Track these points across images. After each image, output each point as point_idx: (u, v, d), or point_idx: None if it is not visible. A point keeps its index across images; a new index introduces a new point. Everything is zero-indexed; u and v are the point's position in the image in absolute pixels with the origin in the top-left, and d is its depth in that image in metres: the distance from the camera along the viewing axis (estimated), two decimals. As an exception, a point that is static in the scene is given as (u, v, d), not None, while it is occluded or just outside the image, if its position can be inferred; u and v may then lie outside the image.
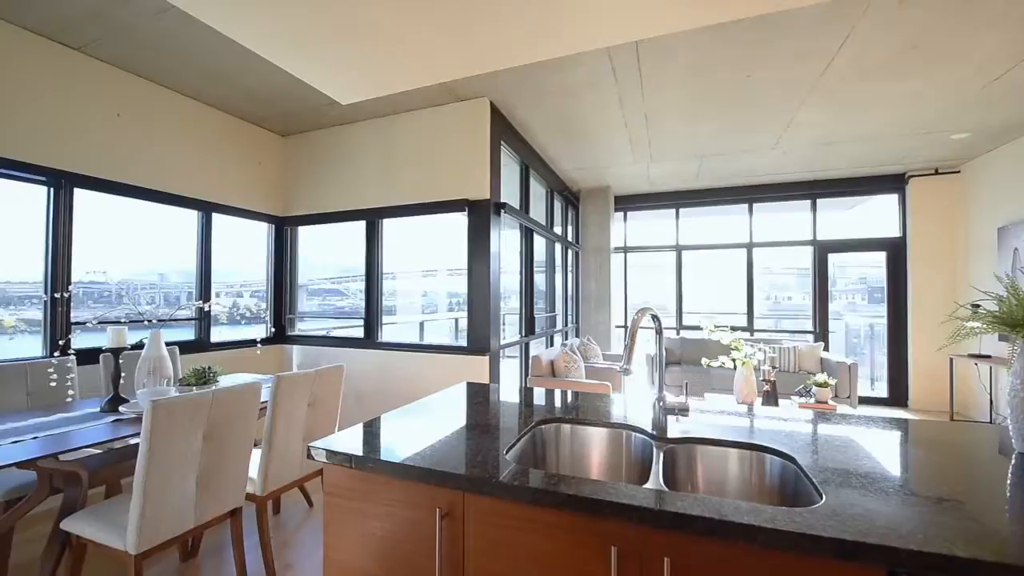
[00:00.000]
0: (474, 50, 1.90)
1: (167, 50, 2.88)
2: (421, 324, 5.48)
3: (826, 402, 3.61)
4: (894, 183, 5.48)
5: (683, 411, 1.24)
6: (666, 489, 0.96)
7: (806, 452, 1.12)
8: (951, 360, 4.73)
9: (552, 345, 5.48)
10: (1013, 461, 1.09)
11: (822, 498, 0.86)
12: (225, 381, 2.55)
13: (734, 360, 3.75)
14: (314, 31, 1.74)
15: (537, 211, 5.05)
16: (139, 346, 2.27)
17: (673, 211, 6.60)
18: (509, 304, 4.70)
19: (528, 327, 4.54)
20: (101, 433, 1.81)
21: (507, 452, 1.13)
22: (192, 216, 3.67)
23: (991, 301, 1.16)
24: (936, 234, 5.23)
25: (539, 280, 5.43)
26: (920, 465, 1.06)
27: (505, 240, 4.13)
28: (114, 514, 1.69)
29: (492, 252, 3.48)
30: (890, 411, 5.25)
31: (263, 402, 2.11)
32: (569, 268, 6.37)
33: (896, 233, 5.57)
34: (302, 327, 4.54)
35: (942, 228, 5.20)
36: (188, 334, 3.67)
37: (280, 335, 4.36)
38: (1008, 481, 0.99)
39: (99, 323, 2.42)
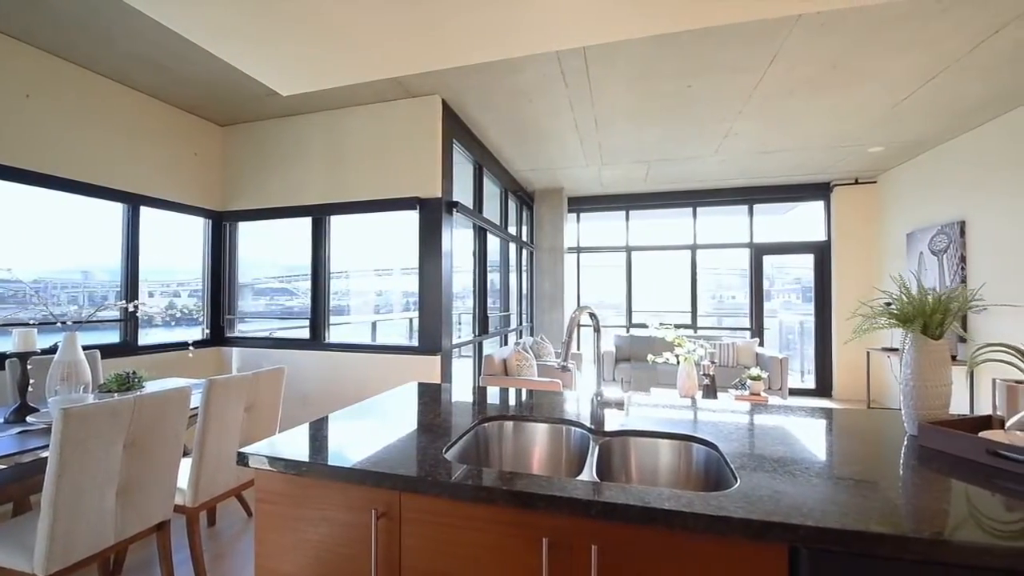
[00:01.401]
0: (422, 47, 1.88)
1: (84, 26, 2.64)
2: (373, 324, 5.36)
3: (759, 394, 3.86)
4: (821, 191, 5.95)
5: (619, 405, 1.29)
6: (598, 480, 0.99)
7: (729, 440, 1.20)
8: (868, 353, 5.19)
9: (506, 344, 5.52)
10: (905, 443, 1.22)
11: (737, 482, 0.93)
12: (152, 387, 2.39)
13: (677, 356, 3.93)
14: (250, 18, 1.66)
15: (491, 211, 5.06)
16: (52, 350, 2.07)
17: (624, 213, 6.82)
18: (463, 303, 4.69)
19: (482, 326, 4.55)
20: (6, 445, 1.65)
21: (447, 451, 1.13)
22: (118, 209, 3.39)
23: (888, 300, 1.29)
24: (856, 238, 5.72)
25: (493, 279, 5.45)
26: (828, 449, 1.17)
27: (458, 239, 4.11)
28: (21, 534, 1.54)
29: (444, 251, 3.46)
30: (816, 401, 5.69)
31: (194, 408, 1.99)
32: (524, 267, 6.44)
33: (822, 237, 6.04)
34: (244, 328, 4.31)
35: (861, 233, 5.70)
36: (113, 337, 3.39)
37: (218, 337, 4.12)
38: (901, 461, 1.10)
39: (2, 325, 2.19)
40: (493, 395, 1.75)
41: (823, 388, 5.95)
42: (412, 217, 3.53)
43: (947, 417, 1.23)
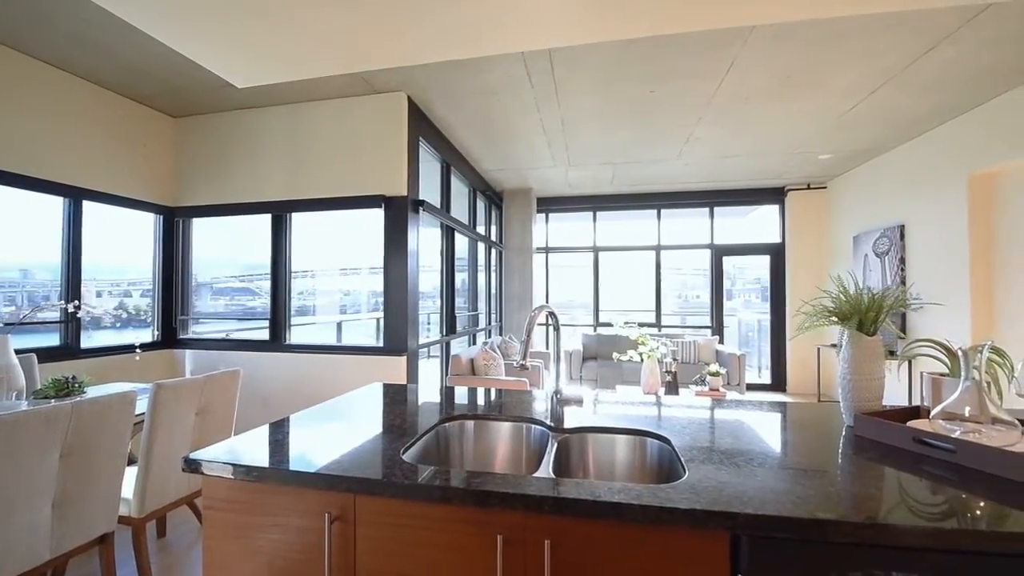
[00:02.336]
0: (382, 43, 1.85)
1: (18, 4, 2.46)
2: (339, 325, 5.24)
3: (718, 389, 4.01)
4: (776, 195, 6.23)
5: (578, 403, 1.32)
6: (554, 477, 1.01)
7: (682, 434, 1.24)
8: (818, 350, 5.48)
9: (475, 344, 5.51)
10: (843, 433, 1.30)
11: (686, 474, 0.96)
12: (95, 392, 2.25)
13: (640, 354, 4.03)
14: (201, 5, 1.59)
15: (459, 210, 5.04)
16: (-22, 354, 1.92)
17: (591, 214, 6.93)
18: (431, 303, 4.65)
19: (449, 326, 4.52)
20: (-80, 459, 1.51)
21: (405, 452, 1.12)
22: (58, 204, 3.18)
23: (828, 299, 1.37)
24: (807, 240, 6.02)
25: (462, 279, 5.43)
26: (772, 440, 1.23)
27: (425, 238, 4.07)
28: (-62, 554, 1.42)
29: (410, 250, 3.42)
30: (771, 395, 5.95)
31: (140, 414, 1.89)
32: (493, 267, 6.44)
33: (777, 239, 6.33)
34: (201, 330, 4.13)
35: (812, 235, 6.00)
36: (54, 339, 3.18)
37: (171, 339, 3.93)
38: (839, 450, 1.17)
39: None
40: (457, 395, 1.75)
41: (778, 383, 6.23)
42: (380, 215, 3.47)
43: (880, 408, 1.31)
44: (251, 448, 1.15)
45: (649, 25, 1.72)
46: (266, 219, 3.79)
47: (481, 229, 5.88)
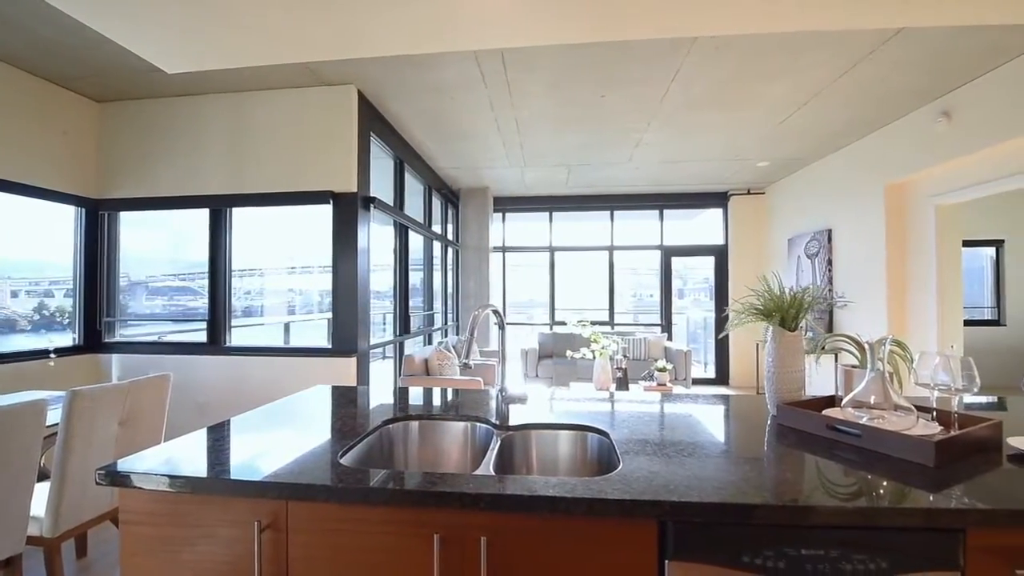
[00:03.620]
0: (329, 35, 1.79)
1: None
2: (286, 326, 5.02)
3: (665, 384, 4.18)
4: (720, 199, 6.56)
5: (522, 401, 1.33)
6: (493, 474, 1.02)
7: (622, 428, 1.28)
8: (756, 345, 5.82)
9: (431, 344, 5.44)
10: (768, 422, 1.39)
11: (620, 465, 1.00)
12: (3, 401, 2.04)
13: (593, 352, 4.13)
14: (122, -17, 1.47)
15: (414, 208, 4.96)
16: None
17: (547, 214, 7.02)
18: (385, 303, 4.55)
19: (403, 326, 4.44)
20: None
21: (343, 455, 1.09)
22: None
23: (755, 297, 1.46)
24: (748, 242, 6.39)
25: (416, 278, 5.35)
26: (705, 431, 1.29)
27: (378, 236, 3.98)
28: None
29: (360, 248, 3.33)
30: (715, 389, 6.27)
31: (53, 425, 1.73)
32: (449, 266, 6.39)
33: (721, 241, 6.67)
34: (131, 333, 3.83)
35: (752, 238, 6.38)
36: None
37: (95, 343, 3.62)
38: (765, 438, 1.25)
39: None
40: (407, 396, 1.72)
41: (722, 377, 6.57)
42: (328, 212, 3.35)
43: (801, 398, 1.42)
44: (174, 456, 1.08)
45: (593, 30, 1.76)
46: (204, 214, 3.57)
47: (437, 228, 5.82)
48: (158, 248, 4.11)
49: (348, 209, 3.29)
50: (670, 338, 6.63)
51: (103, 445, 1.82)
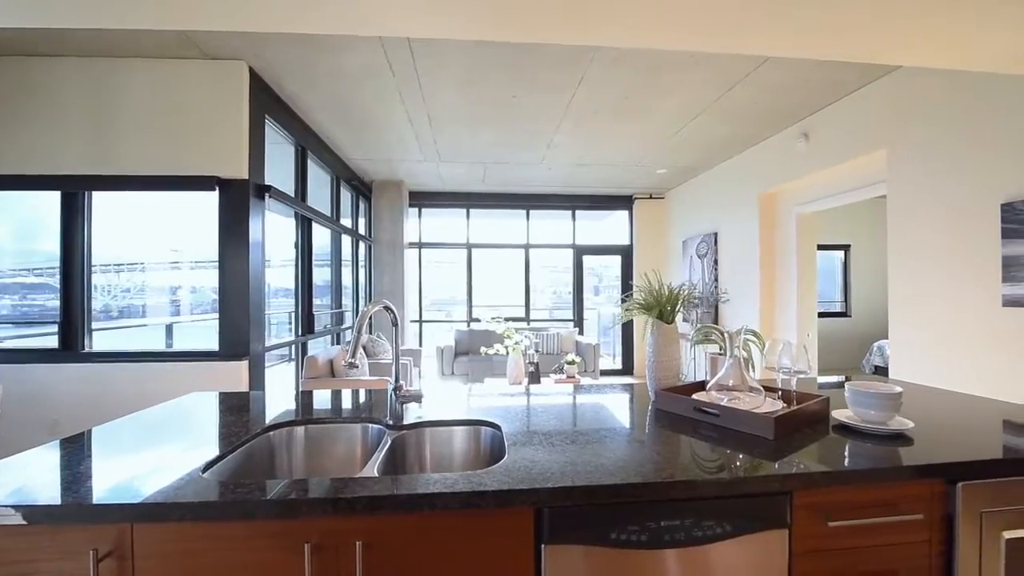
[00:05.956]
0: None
1: None
2: (168, 327, 4.46)
3: (574, 376, 4.37)
4: (626, 202, 7.01)
5: (417, 399, 1.31)
6: (376, 476, 0.99)
7: (515, 420, 1.32)
8: (657, 338, 6.32)
9: (339, 343, 5.16)
10: (650, 408, 1.51)
11: (505, 457, 1.02)
12: None
13: (506, 347, 4.20)
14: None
15: (320, 199, 4.66)
16: None
17: (465, 211, 6.99)
18: (285, 301, 4.23)
19: (306, 326, 4.16)
20: None
21: (208, 468, 0.99)
22: None
23: (639, 293, 1.58)
24: (650, 243, 6.91)
25: (323, 274, 5.04)
26: (592, 418, 1.37)
27: (277, 229, 3.69)
28: None
29: (253, 241, 3.06)
30: (621, 379, 6.71)
31: None
32: (361, 262, 6.10)
33: (627, 241, 7.13)
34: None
35: (653, 239, 6.91)
36: None
37: None
38: (647, 423, 1.36)
39: None
40: (301, 400, 1.61)
41: (627, 367, 7.05)
42: (214, 199, 3.02)
43: (678, 384, 1.56)
44: (-15, 485, 0.90)
45: (492, 28, 1.78)
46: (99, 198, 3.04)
47: (347, 221, 5.53)
48: (9, 235, 3.42)
49: (238, 198, 2.99)
50: (581, 332, 6.96)
51: None
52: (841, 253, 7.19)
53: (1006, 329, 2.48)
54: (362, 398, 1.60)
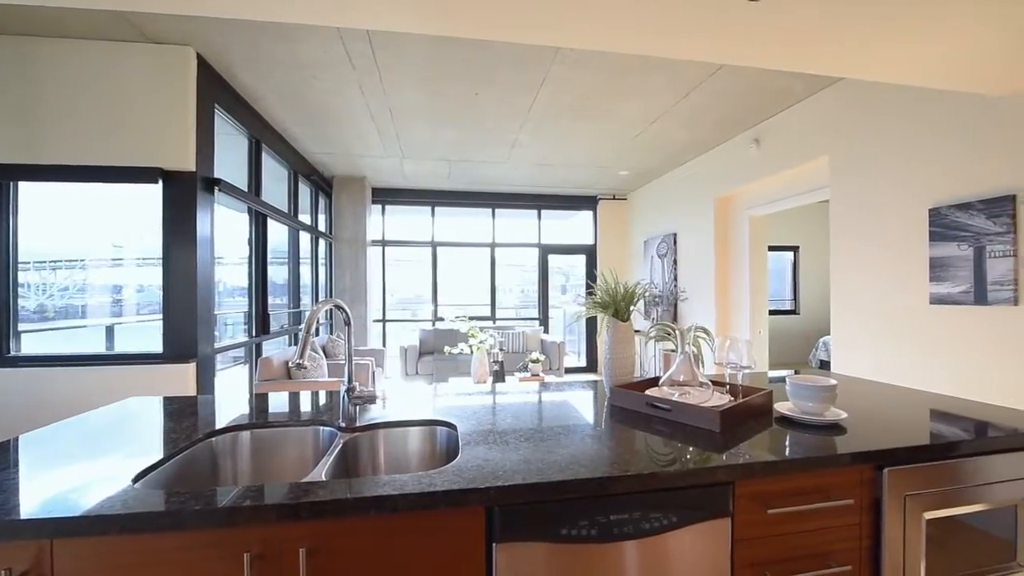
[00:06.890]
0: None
1: None
2: (109, 329, 4.18)
3: (539, 374, 4.41)
4: (590, 203, 7.13)
5: (371, 400, 1.28)
6: (324, 480, 0.96)
7: (471, 420, 1.31)
8: (620, 336, 6.46)
9: (297, 344, 4.99)
10: (606, 404, 1.53)
11: (458, 456, 1.02)
12: None
13: (471, 346, 4.18)
14: None
15: (277, 194, 4.48)
16: None
17: (430, 208, 6.91)
18: (239, 300, 4.05)
19: (261, 326, 4.00)
20: None
21: (140, 478, 0.93)
22: None
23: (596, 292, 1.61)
24: (613, 243, 7.05)
25: (281, 272, 4.86)
26: (549, 416, 1.38)
27: (229, 225, 3.52)
28: None
29: (201, 237, 2.90)
30: (584, 376, 6.82)
31: None
32: (321, 260, 5.92)
33: (591, 241, 7.25)
34: None
35: (616, 239, 7.05)
36: None
37: None
38: (602, 419, 1.38)
39: None
40: (252, 404, 1.54)
41: (591, 365, 7.17)
42: (158, 192, 2.84)
43: (633, 380, 1.60)
44: None
45: (441, 22, 1.76)
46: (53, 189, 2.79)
47: (306, 218, 5.35)
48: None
49: (184, 191, 2.83)
50: (546, 331, 7.02)
51: None
52: (791, 254, 7.58)
53: (933, 325, 2.69)
54: (320, 400, 1.55)
